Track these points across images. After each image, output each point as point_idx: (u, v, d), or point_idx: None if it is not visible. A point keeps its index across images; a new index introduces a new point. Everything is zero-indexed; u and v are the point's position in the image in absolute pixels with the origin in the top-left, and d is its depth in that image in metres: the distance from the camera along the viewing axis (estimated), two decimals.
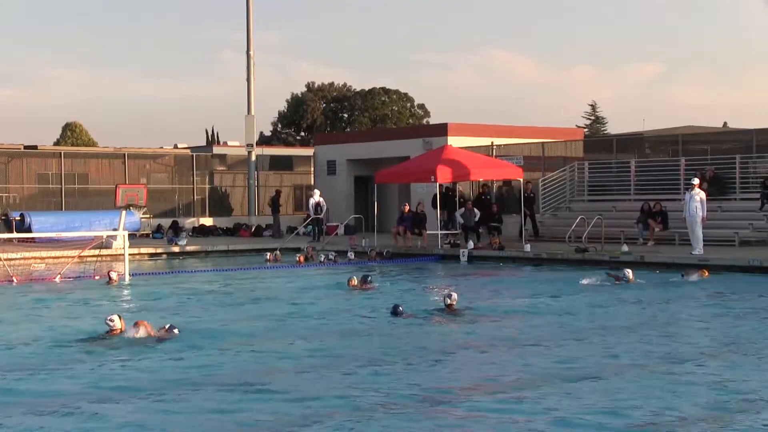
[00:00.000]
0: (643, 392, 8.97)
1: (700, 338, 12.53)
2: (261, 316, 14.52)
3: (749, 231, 24.19)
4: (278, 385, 9.47)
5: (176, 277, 21.70)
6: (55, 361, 10.81)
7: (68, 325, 13.55)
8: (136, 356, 10.95)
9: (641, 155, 31.16)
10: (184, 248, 28.06)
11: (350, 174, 36.48)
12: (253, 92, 35.04)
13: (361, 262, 24.04)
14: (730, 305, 15.40)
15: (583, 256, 22.63)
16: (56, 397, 9.06)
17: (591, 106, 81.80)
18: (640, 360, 10.69)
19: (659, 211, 25.22)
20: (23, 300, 16.84)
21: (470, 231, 26.25)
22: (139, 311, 15.05)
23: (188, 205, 35.42)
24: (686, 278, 18.30)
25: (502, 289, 18.51)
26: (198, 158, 36.57)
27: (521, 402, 8.71)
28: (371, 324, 13.59)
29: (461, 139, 31.74)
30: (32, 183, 33.00)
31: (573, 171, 29.96)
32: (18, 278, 19.99)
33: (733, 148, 28.39)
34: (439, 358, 10.93)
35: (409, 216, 26.92)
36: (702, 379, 9.64)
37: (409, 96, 73.53)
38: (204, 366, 10.46)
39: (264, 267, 23.47)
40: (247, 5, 34.86)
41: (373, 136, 39.23)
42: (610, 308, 15.25)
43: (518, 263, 23.37)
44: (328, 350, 11.45)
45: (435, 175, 25.94)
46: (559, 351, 11.29)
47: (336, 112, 73.71)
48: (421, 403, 8.74)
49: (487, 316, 14.27)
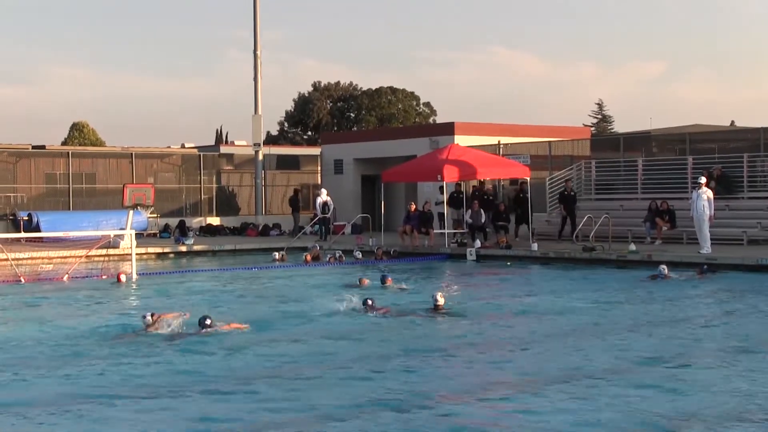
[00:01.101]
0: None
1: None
2: (266, 314, 14.53)
3: (757, 230, 24.12)
4: (280, 388, 9.48)
5: (183, 276, 21.74)
6: (94, 357, 11.01)
7: (97, 322, 13.75)
8: (168, 352, 11.17)
9: (648, 154, 31.09)
10: (191, 248, 28.09)
11: (357, 173, 36.49)
12: (260, 92, 35.05)
13: (368, 261, 24.05)
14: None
15: (591, 255, 22.60)
16: (101, 389, 9.32)
17: (598, 105, 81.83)
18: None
19: (667, 210, 25.17)
20: (47, 299, 16.98)
21: (477, 230, 26.23)
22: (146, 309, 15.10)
23: (195, 205, 35.46)
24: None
25: (521, 286, 18.63)
26: (205, 158, 36.61)
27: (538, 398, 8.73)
28: (378, 324, 13.59)
29: (468, 138, 31.71)
30: (40, 183, 33.07)
31: (580, 170, 29.91)
32: (26, 278, 20.05)
33: (740, 146, 28.30)
34: (450, 358, 10.95)
35: (415, 215, 26.91)
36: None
37: (416, 95, 73.61)
38: (201, 365, 10.52)
39: (271, 266, 23.49)
40: (254, 5, 34.84)
41: (379, 135, 39.24)
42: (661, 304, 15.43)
43: (525, 262, 23.35)
44: (327, 351, 11.45)
45: (442, 174, 25.93)
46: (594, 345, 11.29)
47: (342, 112, 73.76)
48: (431, 403, 8.76)
49: (514, 316, 14.26)
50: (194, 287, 19.03)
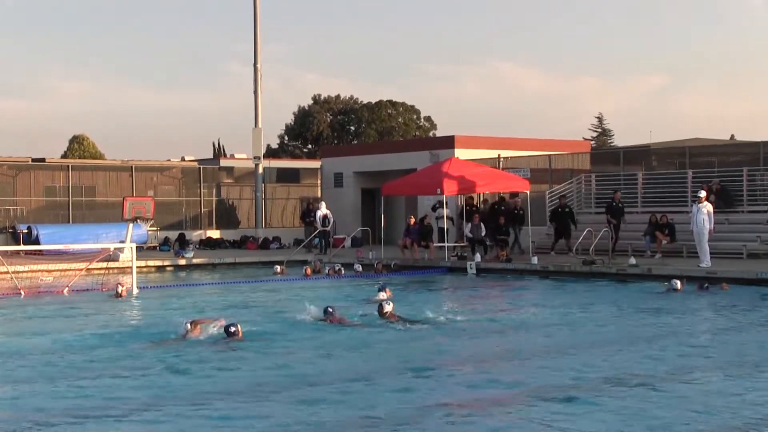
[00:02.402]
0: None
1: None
2: (266, 327, 14.51)
3: (757, 243, 24.12)
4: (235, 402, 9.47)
5: (183, 289, 21.72)
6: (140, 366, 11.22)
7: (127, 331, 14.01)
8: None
9: (648, 167, 31.12)
10: (191, 261, 28.08)
11: (357, 186, 36.51)
12: (260, 105, 35.12)
13: (368, 275, 24.05)
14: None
15: (591, 269, 22.60)
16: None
17: (597, 119, 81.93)
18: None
19: (667, 224, 25.18)
20: (75, 309, 17.19)
21: (477, 243, 26.23)
22: (145, 322, 15.11)
23: (195, 218, 35.47)
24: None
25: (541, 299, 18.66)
26: (205, 171, 36.65)
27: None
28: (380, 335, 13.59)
29: (468, 151, 31.75)
30: (40, 196, 33.10)
31: (580, 183, 29.94)
32: (26, 291, 20.02)
33: (740, 160, 28.34)
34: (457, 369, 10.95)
35: (415, 228, 26.91)
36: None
37: (416, 108, 73.72)
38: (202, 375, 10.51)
39: (271, 279, 23.49)
40: (255, 18, 34.98)
41: (379, 149, 39.29)
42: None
43: (525, 276, 23.36)
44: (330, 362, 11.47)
45: (441, 187, 25.95)
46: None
47: (343, 125, 73.87)
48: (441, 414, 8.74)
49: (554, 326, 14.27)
50: (194, 300, 19.00)
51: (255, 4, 34.90)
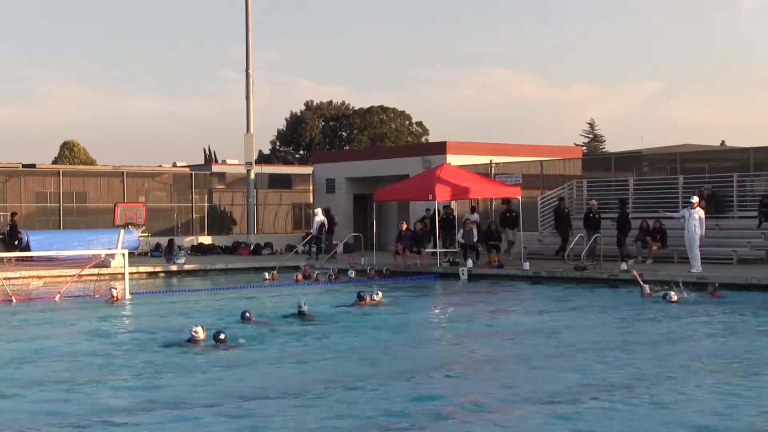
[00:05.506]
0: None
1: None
2: (259, 333, 14.51)
3: (747, 249, 24.21)
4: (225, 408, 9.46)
5: (174, 295, 21.67)
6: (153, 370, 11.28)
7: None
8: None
9: (639, 173, 31.21)
10: (182, 267, 28.01)
11: (349, 192, 36.51)
12: (252, 111, 35.12)
13: (361, 281, 24.03)
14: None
15: (582, 275, 22.64)
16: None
17: (589, 125, 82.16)
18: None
19: (658, 229, 25.24)
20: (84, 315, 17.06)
21: (469, 249, 26.25)
22: (142, 327, 15.08)
23: (187, 224, 35.41)
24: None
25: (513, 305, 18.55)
26: (197, 176, 36.59)
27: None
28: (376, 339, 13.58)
29: (460, 157, 31.80)
30: (30, 201, 32.97)
31: (572, 189, 30.01)
32: (17, 297, 19.95)
33: (730, 166, 28.44)
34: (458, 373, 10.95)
35: (407, 234, 26.93)
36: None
37: (408, 114, 73.79)
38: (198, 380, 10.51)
39: (263, 285, 23.45)
40: (247, 25, 35.00)
41: (371, 155, 39.31)
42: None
43: (517, 281, 23.39)
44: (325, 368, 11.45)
45: (433, 193, 25.97)
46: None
47: (335, 131, 73.88)
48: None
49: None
50: (184, 306, 18.98)
51: (247, 10, 34.95)
